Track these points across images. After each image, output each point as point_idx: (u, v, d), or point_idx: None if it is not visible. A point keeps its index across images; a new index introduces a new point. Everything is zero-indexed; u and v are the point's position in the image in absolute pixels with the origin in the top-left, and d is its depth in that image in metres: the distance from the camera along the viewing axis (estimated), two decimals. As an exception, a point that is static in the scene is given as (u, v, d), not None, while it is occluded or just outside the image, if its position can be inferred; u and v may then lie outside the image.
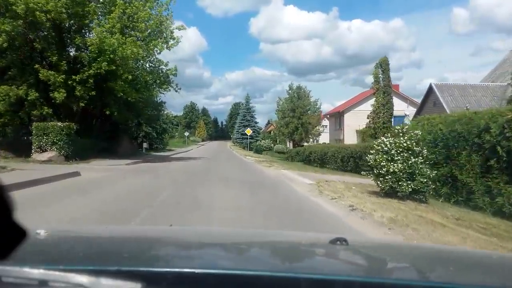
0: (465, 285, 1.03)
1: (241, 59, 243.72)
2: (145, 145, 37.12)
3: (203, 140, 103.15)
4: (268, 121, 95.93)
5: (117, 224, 5.47)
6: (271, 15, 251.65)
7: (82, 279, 0.82)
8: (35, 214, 5.94)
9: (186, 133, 78.37)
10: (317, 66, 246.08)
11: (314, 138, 37.51)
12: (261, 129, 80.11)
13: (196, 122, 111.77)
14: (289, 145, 68.99)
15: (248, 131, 53.88)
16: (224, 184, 11.82)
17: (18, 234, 0.78)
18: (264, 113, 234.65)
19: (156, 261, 1.25)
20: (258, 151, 62.28)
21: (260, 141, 64.58)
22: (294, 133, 36.37)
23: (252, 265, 1.20)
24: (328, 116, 51.52)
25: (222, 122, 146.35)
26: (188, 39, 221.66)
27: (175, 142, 74.78)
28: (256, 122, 72.79)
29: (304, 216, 7.17)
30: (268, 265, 1.25)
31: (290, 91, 37.64)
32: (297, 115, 36.28)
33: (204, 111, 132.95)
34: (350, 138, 47.37)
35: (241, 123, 73.55)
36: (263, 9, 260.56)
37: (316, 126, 37.04)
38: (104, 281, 0.82)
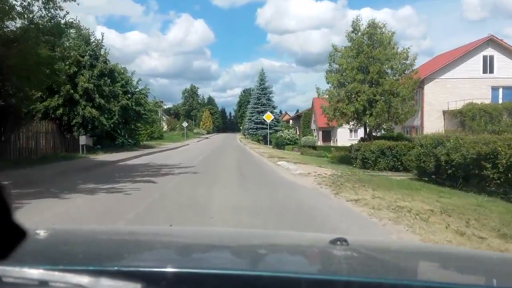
0: (465, 285, 1.02)
1: (249, 50, 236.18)
2: (83, 140, 19.82)
3: (208, 133, 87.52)
4: (280, 111, 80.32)
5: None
6: (278, 5, 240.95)
7: (82, 279, 0.81)
8: None
9: (185, 124, 60.99)
10: (325, 56, 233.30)
11: (402, 121, 19.72)
12: (279, 116, 62.55)
13: (198, 110, 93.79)
14: (319, 137, 51.45)
15: (268, 117, 36.38)
16: None
17: (18, 234, 0.78)
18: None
19: (156, 261, 1.21)
20: (279, 145, 45.51)
21: (282, 131, 47.26)
22: (365, 111, 18.71)
23: (252, 265, 1.21)
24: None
25: (230, 113, 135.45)
26: (195, 32, 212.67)
27: (173, 135, 59.43)
28: (274, 107, 54.93)
29: None
30: (268, 265, 1.24)
31: (354, 34, 19.89)
32: (373, 78, 18.60)
33: (210, 101, 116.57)
34: (431, 123, 29.76)
35: (255, 108, 55.60)
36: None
37: (409, 99, 19.30)
38: (104, 281, 0.81)
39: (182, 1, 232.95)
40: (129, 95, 27.46)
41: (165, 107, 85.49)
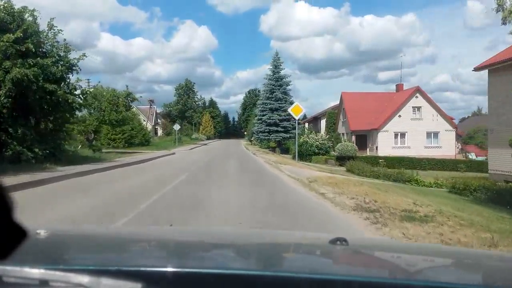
0: (465, 285, 1.02)
1: (252, 57, 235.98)
2: None
3: (208, 138, 75.28)
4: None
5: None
6: (281, 12, 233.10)
7: (82, 279, 0.81)
8: None
9: (177, 127, 47.47)
10: (328, 63, 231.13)
11: None
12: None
13: (194, 110, 79.83)
14: (352, 141, 37.56)
15: (298, 110, 22.70)
16: None
17: (18, 234, 0.77)
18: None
19: (156, 261, 1.20)
20: (303, 155, 31.93)
21: (306, 136, 33.53)
22: None
23: (252, 265, 1.21)
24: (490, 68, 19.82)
25: (233, 118, 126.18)
26: (199, 38, 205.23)
27: (164, 141, 48.69)
28: (292, 104, 41.11)
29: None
30: (268, 264, 1.24)
31: None
32: None
33: (212, 103, 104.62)
34: None
35: (266, 104, 41.54)
36: (274, 6, 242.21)
37: None
38: (104, 281, 0.82)
39: (186, 8, 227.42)
40: (33, 60, 13.81)
41: (157, 109, 73.42)
